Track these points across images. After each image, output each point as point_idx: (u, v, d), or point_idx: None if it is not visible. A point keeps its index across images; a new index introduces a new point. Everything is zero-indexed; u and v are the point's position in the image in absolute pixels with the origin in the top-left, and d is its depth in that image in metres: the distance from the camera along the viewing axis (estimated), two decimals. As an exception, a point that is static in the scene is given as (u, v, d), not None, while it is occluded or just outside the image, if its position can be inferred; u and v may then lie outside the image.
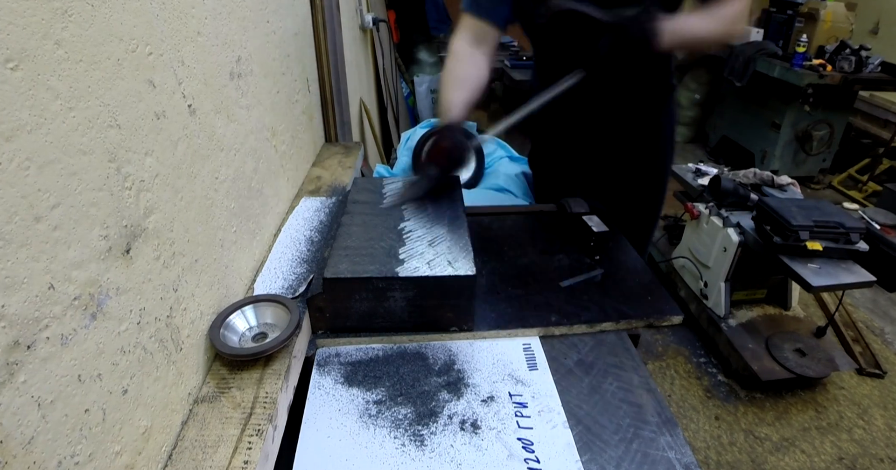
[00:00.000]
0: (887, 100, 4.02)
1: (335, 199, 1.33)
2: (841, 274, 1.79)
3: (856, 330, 2.47)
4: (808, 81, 3.34)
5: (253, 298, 0.92)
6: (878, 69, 3.41)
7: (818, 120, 3.67)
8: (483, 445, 0.79)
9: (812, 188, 3.98)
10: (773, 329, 2.24)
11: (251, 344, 0.85)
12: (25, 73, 0.48)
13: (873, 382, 2.24)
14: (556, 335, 1.02)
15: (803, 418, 2.07)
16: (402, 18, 3.90)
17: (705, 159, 4.21)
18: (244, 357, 0.82)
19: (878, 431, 2.02)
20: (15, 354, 0.46)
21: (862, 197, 3.78)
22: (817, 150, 3.80)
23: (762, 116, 3.86)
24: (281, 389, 0.80)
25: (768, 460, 1.89)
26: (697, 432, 2.00)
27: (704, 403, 2.14)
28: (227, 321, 0.86)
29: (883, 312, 2.69)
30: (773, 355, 2.11)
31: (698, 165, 2.67)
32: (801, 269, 1.80)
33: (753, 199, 2.18)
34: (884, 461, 1.90)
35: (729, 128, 4.30)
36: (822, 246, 1.80)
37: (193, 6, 0.82)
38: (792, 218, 1.83)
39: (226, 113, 0.93)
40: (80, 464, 0.54)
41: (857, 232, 1.81)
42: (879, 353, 2.36)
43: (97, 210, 0.58)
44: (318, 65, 1.62)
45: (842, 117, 3.74)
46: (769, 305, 2.38)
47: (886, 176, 3.84)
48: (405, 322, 0.97)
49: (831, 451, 1.93)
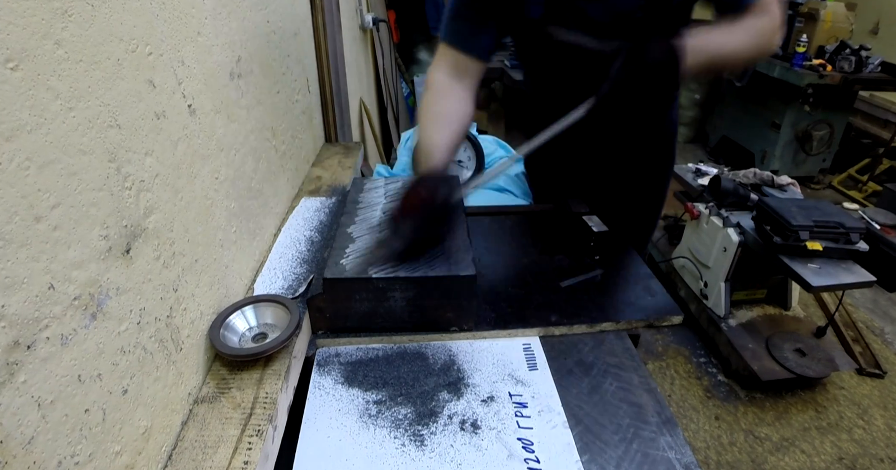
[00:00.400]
0: (887, 100, 4.02)
1: (335, 199, 1.33)
2: (841, 274, 1.79)
3: (856, 330, 2.47)
4: (808, 81, 3.34)
5: (253, 298, 0.92)
6: (878, 69, 3.41)
7: (818, 120, 3.67)
8: (483, 445, 0.79)
9: (812, 188, 3.98)
10: (773, 329, 2.24)
11: (251, 344, 0.85)
12: (25, 73, 0.48)
13: (873, 382, 2.24)
14: (556, 335, 1.02)
15: (803, 418, 2.07)
16: (402, 18, 3.90)
17: (705, 159, 4.21)
18: (244, 357, 0.82)
19: (878, 431, 2.02)
20: (15, 354, 0.46)
21: (862, 197, 3.78)
22: (817, 150, 3.80)
23: (762, 116, 3.86)
24: (281, 389, 0.80)
25: (768, 460, 1.89)
26: (697, 432, 2.00)
27: (704, 403, 2.14)
28: (227, 321, 0.86)
29: (883, 312, 2.69)
30: (773, 355, 2.11)
31: (698, 165, 2.67)
32: (801, 269, 1.80)
33: (753, 199, 2.18)
34: (884, 461, 1.90)
35: (729, 128, 4.30)
36: (822, 246, 1.80)
37: (193, 6, 0.82)
38: (792, 218, 1.83)
39: (226, 113, 0.93)
40: (80, 464, 0.54)
41: (857, 232, 1.81)
42: (879, 353, 2.36)
43: (97, 210, 0.58)
44: (318, 65, 1.62)
45: (842, 117, 3.74)
46: (769, 305, 2.38)
47: (886, 176, 3.84)
48: (405, 322, 0.97)
49: (831, 451, 1.93)
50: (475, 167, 2.08)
